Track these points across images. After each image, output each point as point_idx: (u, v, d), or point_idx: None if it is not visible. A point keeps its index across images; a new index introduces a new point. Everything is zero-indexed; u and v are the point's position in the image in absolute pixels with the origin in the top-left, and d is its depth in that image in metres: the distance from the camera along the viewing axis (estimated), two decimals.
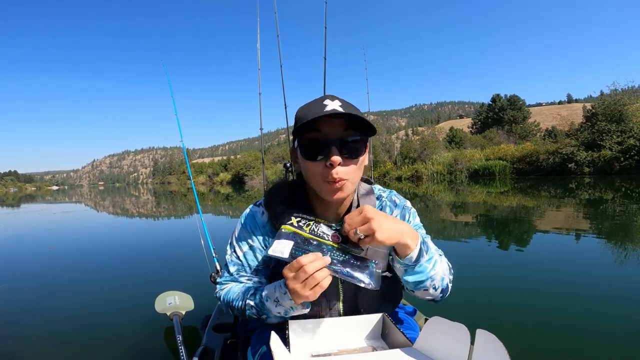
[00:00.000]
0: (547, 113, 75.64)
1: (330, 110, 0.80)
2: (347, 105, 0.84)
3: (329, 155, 0.82)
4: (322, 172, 0.85)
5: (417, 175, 30.02)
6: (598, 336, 2.05)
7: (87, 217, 11.57)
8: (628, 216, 6.41)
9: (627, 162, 21.36)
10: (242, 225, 1.01)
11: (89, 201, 21.65)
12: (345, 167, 0.85)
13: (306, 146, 0.85)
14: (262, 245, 0.99)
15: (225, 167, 71.89)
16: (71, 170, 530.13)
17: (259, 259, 0.99)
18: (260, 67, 2.62)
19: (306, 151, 0.86)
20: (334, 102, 0.83)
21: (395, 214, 1.02)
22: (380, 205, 1.03)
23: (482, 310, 2.50)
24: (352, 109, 0.84)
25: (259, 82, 2.59)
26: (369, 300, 0.96)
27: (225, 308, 1.00)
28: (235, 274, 1.01)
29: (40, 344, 2.20)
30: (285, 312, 0.84)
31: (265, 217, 0.98)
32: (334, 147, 0.82)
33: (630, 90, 27.38)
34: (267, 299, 0.86)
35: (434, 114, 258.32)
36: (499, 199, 11.18)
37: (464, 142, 38.09)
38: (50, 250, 5.36)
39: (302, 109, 0.88)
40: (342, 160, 0.83)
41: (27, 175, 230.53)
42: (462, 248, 4.65)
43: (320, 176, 0.85)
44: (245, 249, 0.99)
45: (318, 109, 0.82)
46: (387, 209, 1.02)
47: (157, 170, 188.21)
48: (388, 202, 1.04)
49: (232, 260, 1.01)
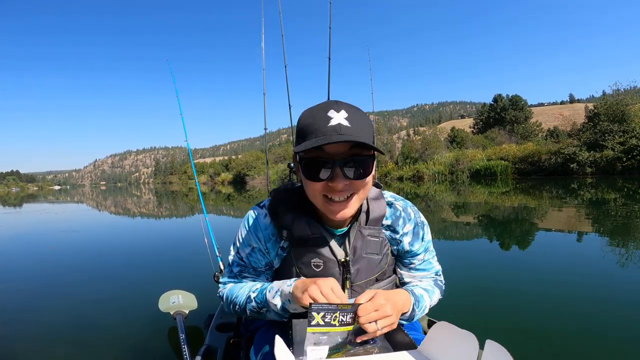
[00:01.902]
0: (549, 113, 75.47)
1: (335, 127, 0.76)
2: (353, 118, 0.79)
3: (334, 178, 0.78)
4: (324, 191, 0.82)
5: (419, 175, 29.96)
6: (607, 340, 2.01)
7: (90, 217, 11.58)
8: (631, 217, 6.38)
9: (629, 162, 21.27)
10: (245, 227, 1.00)
11: (90, 201, 21.69)
12: (352, 185, 0.81)
13: (307, 165, 0.80)
14: (264, 247, 0.97)
15: (226, 167, 71.90)
16: (73, 170, 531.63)
17: (261, 260, 1.00)
18: (264, 67, 2.61)
19: (307, 171, 0.80)
20: (339, 114, 0.77)
21: (407, 229, 1.00)
22: (394, 215, 0.99)
23: (485, 313, 2.49)
24: (359, 122, 0.79)
25: (264, 82, 2.59)
26: None
27: (227, 306, 1.01)
28: (239, 274, 1.02)
29: (44, 344, 2.21)
30: (283, 305, 0.86)
31: (267, 219, 0.97)
32: (339, 168, 0.78)
33: (633, 90, 27.38)
34: (270, 289, 0.89)
35: (435, 114, 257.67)
36: (500, 199, 11.14)
37: (466, 142, 37.99)
38: (53, 250, 5.37)
39: (306, 117, 0.82)
40: (348, 181, 0.79)
41: (29, 175, 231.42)
42: (465, 248, 4.64)
43: (323, 195, 0.82)
44: (248, 251, 0.99)
45: (322, 123, 0.77)
46: (400, 220, 0.99)
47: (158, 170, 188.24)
48: (403, 213, 1.00)
49: (236, 261, 1.02)
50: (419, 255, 1.03)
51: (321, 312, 0.74)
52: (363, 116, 0.82)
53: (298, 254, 0.94)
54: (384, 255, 0.98)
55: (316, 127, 0.77)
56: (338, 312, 0.75)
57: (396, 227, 0.98)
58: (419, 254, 1.03)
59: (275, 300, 0.87)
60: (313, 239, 0.92)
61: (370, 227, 0.95)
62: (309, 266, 0.93)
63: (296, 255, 0.94)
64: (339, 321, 0.75)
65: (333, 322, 0.75)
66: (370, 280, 0.97)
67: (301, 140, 0.80)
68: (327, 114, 0.78)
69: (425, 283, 1.03)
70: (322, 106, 0.81)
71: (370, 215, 0.95)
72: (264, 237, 0.97)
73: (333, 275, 0.92)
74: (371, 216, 0.95)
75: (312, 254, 0.93)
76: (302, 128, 0.81)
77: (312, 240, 0.93)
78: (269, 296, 0.89)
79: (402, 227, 0.99)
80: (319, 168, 0.78)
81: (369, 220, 0.94)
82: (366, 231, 0.95)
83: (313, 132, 0.77)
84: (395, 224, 0.98)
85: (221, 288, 1.05)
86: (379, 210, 0.96)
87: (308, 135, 0.78)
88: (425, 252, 1.04)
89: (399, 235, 0.99)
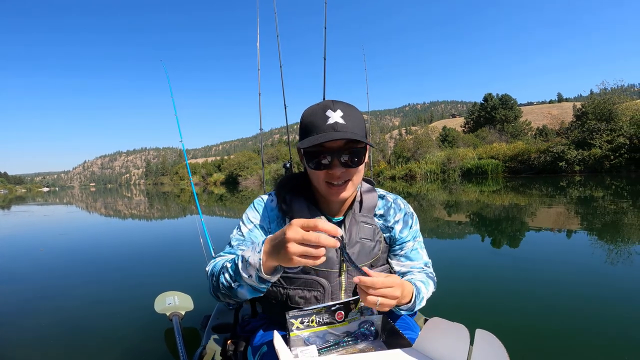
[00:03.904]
0: (538, 112, 76.41)
1: (332, 125, 0.89)
2: (348, 116, 0.91)
3: (332, 167, 0.91)
4: (325, 178, 0.94)
5: (411, 174, 30.13)
6: (592, 333, 2.09)
7: (80, 218, 11.42)
8: (618, 214, 6.51)
9: (617, 160, 21.64)
10: (253, 208, 1.08)
11: (81, 203, 21.36)
12: (347, 172, 0.93)
13: (310, 159, 0.93)
14: (268, 226, 1.05)
15: (218, 167, 71.58)
16: (62, 171, 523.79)
17: (260, 236, 1.02)
18: (260, 68, 2.60)
19: (310, 162, 0.93)
20: (335, 114, 0.90)
21: (398, 218, 1.10)
22: (386, 206, 1.11)
23: (480, 310, 2.53)
24: (353, 119, 0.92)
25: (259, 82, 2.58)
26: None
27: (209, 281, 0.95)
28: (236, 247, 1.02)
29: (38, 347, 2.19)
30: (250, 276, 0.78)
31: (274, 203, 1.06)
32: (336, 159, 0.90)
33: (620, 89, 27.79)
34: (240, 259, 0.80)
35: (427, 114, 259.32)
36: (491, 197, 11.28)
37: (457, 141, 38.35)
38: (43, 253, 5.29)
39: (307, 116, 0.94)
40: (345, 169, 0.91)
41: (17, 177, 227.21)
42: (456, 247, 4.69)
43: (324, 181, 0.94)
44: (251, 227, 1.04)
45: (320, 122, 0.90)
46: (391, 210, 1.10)
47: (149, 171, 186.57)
48: (393, 204, 1.12)
49: (236, 236, 1.04)
50: (408, 243, 1.11)
51: (298, 318, 0.83)
52: (356, 113, 0.94)
53: None
54: (377, 242, 1.06)
55: (317, 125, 0.90)
56: (314, 315, 0.84)
57: (388, 217, 1.10)
58: (408, 241, 1.11)
59: (248, 271, 0.79)
60: None
61: (363, 215, 1.06)
62: None
63: None
64: (317, 322, 0.84)
65: (311, 325, 0.84)
66: (365, 266, 0.97)
67: (304, 137, 0.93)
68: (325, 113, 0.90)
69: (419, 276, 1.06)
70: (321, 105, 0.93)
71: (363, 205, 1.07)
72: (269, 218, 1.05)
73: (331, 258, 0.99)
74: (364, 205, 1.07)
75: None
76: (305, 126, 0.93)
77: None
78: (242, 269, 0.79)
79: (394, 216, 1.10)
80: (320, 159, 0.91)
81: (362, 208, 1.06)
82: (360, 218, 1.05)
83: (314, 129, 0.90)
84: (387, 214, 1.10)
85: (211, 261, 1.02)
86: (371, 200, 1.08)
87: (310, 133, 0.91)
88: (414, 241, 1.12)
89: (391, 224, 1.09)
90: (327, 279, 0.99)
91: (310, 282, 0.99)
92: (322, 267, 0.98)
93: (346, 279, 1.00)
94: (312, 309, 0.84)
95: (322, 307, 0.84)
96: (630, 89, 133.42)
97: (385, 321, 0.91)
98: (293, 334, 0.82)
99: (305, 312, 0.83)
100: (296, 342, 0.82)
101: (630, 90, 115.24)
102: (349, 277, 1.00)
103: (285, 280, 1.00)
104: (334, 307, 0.85)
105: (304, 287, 0.99)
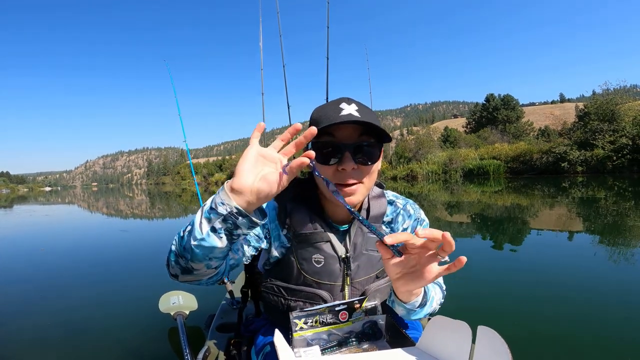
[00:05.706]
0: (540, 112, 76.37)
1: (346, 115, 0.80)
2: (363, 110, 0.83)
3: (343, 161, 0.81)
4: (333, 176, 0.84)
5: (412, 174, 30.13)
6: (593, 331, 2.10)
7: (83, 218, 11.46)
8: (621, 215, 6.50)
9: (619, 160, 21.58)
10: None
11: (83, 202, 21.43)
12: (359, 171, 0.84)
13: (319, 149, 0.83)
14: (267, 223, 0.96)
15: (220, 167, 71.65)
16: (64, 171, 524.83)
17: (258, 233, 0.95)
18: (262, 67, 2.58)
19: (319, 154, 0.83)
20: (350, 107, 0.82)
21: (406, 225, 1.02)
22: (395, 212, 1.02)
23: (483, 309, 2.54)
24: (368, 114, 0.83)
25: (262, 81, 2.55)
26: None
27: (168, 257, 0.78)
28: None
29: (42, 347, 2.20)
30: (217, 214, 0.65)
31: (274, 203, 0.97)
32: (348, 152, 0.81)
33: (622, 89, 27.76)
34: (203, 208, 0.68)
35: (428, 114, 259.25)
36: (493, 198, 11.26)
37: (459, 142, 38.28)
38: (45, 253, 5.29)
39: (318, 111, 0.87)
40: (356, 165, 0.83)
41: (20, 177, 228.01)
42: (458, 247, 4.65)
43: (332, 180, 0.83)
44: None
45: (334, 113, 0.82)
46: (399, 217, 1.02)
47: (151, 171, 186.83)
48: (402, 210, 1.03)
49: None
50: None
51: (302, 318, 0.82)
52: (372, 112, 0.87)
53: (299, 249, 0.94)
54: None
55: (328, 117, 0.81)
56: (318, 315, 0.83)
57: (395, 224, 1.02)
58: None
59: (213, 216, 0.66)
60: (314, 234, 0.93)
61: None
62: (310, 262, 0.94)
63: (297, 250, 0.94)
64: (320, 322, 0.83)
65: (315, 325, 0.83)
66: (371, 278, 0.98)
67: None
68: (339, 106, 0.83)
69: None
70: (334, 101, 0.87)
71: (370, 213, 0.96)
72: (269, 216, 0.96)
73: (334, 271, 0.93)
74: (371, 213, 0.96)
75: (313, 249, 0.93)
76: (315, 119, 0.85)
77: (313, 235, 0.93)
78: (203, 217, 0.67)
79: (402, 223, 1.01)
80: (329, 152, 0.82)
81: (369, 217, 0.96)
82: (366, 228, 0.96)
83: (325, 121, 0.81)
84: (394, 221, 1.02)
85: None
86: (379, 208, 0.98)
87: (320, 124, 0.81)
88: None
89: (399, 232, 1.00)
90: (329, 292, 0.94)
91: (312, 296, 0.93)
92: (324, 279, 0.93)
93: (349, 292, 0.95)
94: (316, 309, 0.83)
95: (326, 307, 0.84)
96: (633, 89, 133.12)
97: (389, 321, 0.90)
98: (296, 334, 0.81)
99: (309, 312, 0.82)
100: (299, 342, 0.82)
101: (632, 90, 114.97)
102: (352, 291, 0.95)
103: (287, 291, 0.96)
104: (338, 308, 0.85)
105: (306, 299, 0.94)
